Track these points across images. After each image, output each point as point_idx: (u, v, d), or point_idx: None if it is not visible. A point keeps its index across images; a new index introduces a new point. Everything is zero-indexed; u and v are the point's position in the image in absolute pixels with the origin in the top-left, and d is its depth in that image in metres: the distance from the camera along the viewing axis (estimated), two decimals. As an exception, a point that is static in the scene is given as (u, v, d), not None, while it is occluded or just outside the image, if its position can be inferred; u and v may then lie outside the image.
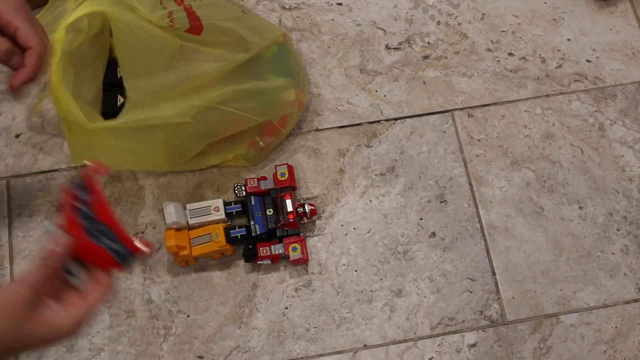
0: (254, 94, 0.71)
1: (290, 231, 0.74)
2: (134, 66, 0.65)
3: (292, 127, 0.79)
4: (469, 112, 0.82)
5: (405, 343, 0.72)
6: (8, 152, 0.80)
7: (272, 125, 0.75)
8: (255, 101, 0.71)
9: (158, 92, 0.65)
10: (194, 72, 0.67)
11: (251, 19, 0.76)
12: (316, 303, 0.74)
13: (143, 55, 0.66)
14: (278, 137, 0.78)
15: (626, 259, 0.76)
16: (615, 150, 0.81)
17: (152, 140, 0.68)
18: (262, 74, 0.73)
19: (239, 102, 0.69)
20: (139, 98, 0.65)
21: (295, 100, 0.75)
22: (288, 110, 0.76)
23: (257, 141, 0.76)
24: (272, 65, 0.74)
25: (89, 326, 0.73)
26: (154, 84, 0.66)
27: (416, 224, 0.77)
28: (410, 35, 0.87)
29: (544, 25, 0.87)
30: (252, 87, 0.71)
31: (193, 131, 0.69)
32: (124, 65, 0.65)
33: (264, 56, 0.73)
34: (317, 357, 0.72)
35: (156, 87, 0.66)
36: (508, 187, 0.79)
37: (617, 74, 0.85)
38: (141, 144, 0.68)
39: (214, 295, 0.74)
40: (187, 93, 0.67)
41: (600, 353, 0.72)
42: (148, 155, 0.71)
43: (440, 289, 0.74)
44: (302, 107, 0.78)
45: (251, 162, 0.79)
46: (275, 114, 0.75)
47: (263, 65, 0.73)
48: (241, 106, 0.70)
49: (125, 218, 0.77)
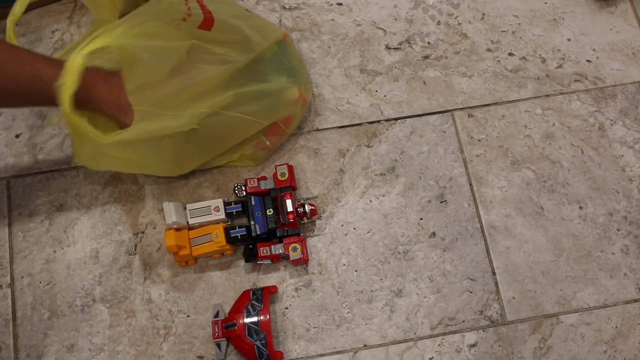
0: (257, 96, 0.71)
1: (290, 231, 0.74)
2: (139, 80, 0.66)
3: (297, 126, 0.79)
4: (469, 112, 0.82)
5: (406, 343, 0.72)
6: (8, 152, 0.80)
7: (276, 126, 0.76)
8: (259, 104, 0.71)
9: (163, 101, 0.66)
10: (199, 77, 0.67)
11: (254, 18, 0.77)
12: (316, 303, 0.74)
13: (148, 71, 0.66)
14: (282, 136, 0.78)
15: (626, 259, 0.76)
16: (616, 150, 0.81)
17: (160, 150, 0.68)
18: (265, 75, 0.73)
19: (243, 105, 0.70)
20: (146, 109, 0.65)
21: (299, 98, 0.75)
22: (292, 110, 0.76)
23: (263, 140, 0.76)
24: (274, 64, 0.74)
25: (90, 326, 0.73)
26: (159, 93, 0.66)
27: (416, 224, 0.77)
28: (410, 35, 0.87)
29: (544, 25, 0.87)
30: (255, 89, 0.71)
31: (200, 140, 0.69)
32: (129, 82, 0.65)
33: (266, 56, 0.74)
34: (317, 357, 0.72)
35: (161, 97, 0.66)
36: (508, 187, 0.79)
37: (617, 74, 0.85)
38: (149, 155, 0.68)
39: (214, 295, 0.74)
40: (192, 99, 0.67)
41: (600, 353, 0.72)
42: (155, 164, 0.72)
43: (440, 289, 0.74)
44: (305, 105, 0.78)
45: (256, 162, 0.79)
46: (279, 116, 0.75)
47: (265, 66, 0.73)
48: (246, 110, 0.70)
49: (126, 218, 0.77)
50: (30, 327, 0.73)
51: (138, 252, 0.76)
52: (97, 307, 0.73)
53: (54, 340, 0.72)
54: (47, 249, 0.76)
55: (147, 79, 0.66)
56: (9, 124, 0.81)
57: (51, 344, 0.72)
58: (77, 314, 0.73)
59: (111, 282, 0.74)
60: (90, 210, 0.77)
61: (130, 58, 0.64)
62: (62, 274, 0.75)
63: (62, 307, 0.73)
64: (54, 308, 0.73)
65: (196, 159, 0.74)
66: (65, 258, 0.75)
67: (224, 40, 0.70)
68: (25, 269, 0.75)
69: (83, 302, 0.74)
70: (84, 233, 0.76)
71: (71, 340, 0.72)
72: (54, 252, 0.76)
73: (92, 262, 0.75)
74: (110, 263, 0.75)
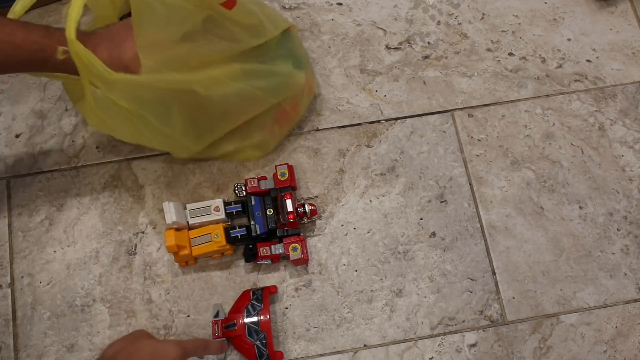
0: (265, 74, 0.71)
1: (290, 231, 0.74)
2: (148, 35, 0.63)
3: (304, 111, 0.80)
4: (469, 112, 0.82)
5: (406, 343, 0.72)
6: (8, 152, 0.80)
7: (284, 112, 0.76)
8: (267, 81, 0.71)
9: (171, 63, 0.64)
10: (208, 46, 0.66)
11: (267, 8, 0.77)
12: (316, 303, 0.74)
13: (159, 27, 0.63)
14: (290, 123, 0.78)
15: (626, 259, 0.76)
16: (616, 150, 0.81)
17: (170, 116, 0.67)
18: (272, 59, 0.73)
19: (251, 80, 0.69)
20: (154, 64, 0.63)
21: (306, 84, 0.76)
22: (299, 91, 0.76)
23: (270, 126, 0.76)
24: (280, 51, 0.74)
25: (90, 326, 0.73)
26: (167, 54, 0.64)
27: (416, 224, 0.77)
28: (410, 35, 0.87)
29: (544, 25, 0.87)
30: (262, 68, 0.71)
31: (209, 111, 0.68)
32: (139, 37, 0.63)
33: (271, 43, 0.73)
34: (317, 357, 0.72)
35: (170, 58, 0.64)
36: (508, 187, 0.79)
37: (617, 73, 0.85)
38: (159, 116, 0.67)
39: (214, 295, 0.74)
40: (200, 67, 0.66)
41: (600, 353, 0.72)
42: (164, 132, 0.69)
43: (440, 289, 0.74)
44: (311, 92, 0.79)
45: (263, 152, 0.79)
46: (287, 94, 0.74)
47: (272, 52, 0.73)
48: (254, 84, 0.69)
49: (126, 218, 0.77)
50: (30, 327, 0.73)
51: (138, 252, 0.76)
52: (97, 307, 0.73)
53: (54, 340, 0.72)
54: (47, 249, 0.76)
55: (157, 37, 0.64)
56: (9, 124, 0.81)
57: (51, 344, 0.72)
58: (77, 314, 0.73)
59: (111, 282, 0.74)
60: (90, 210, 0.77)
61: (143, 6, 0.61)
62: (62, 274, 0.75)
63: (62, 307, 0.73)
64: (54, 308, 0.73)
65: (206, 134, 0.72)
66: (65, 258, 0.75)
67: (240, 22, 0.69)
68: (25, 269, 0.75)
69: (83, 302, 0.74)
70: (84, 233, 0.76)
71: (71, 340, 0.72)
72: (54, 252, 0.76)
73: (92, 262, 0.75)
74: (110, 263, 0.75)
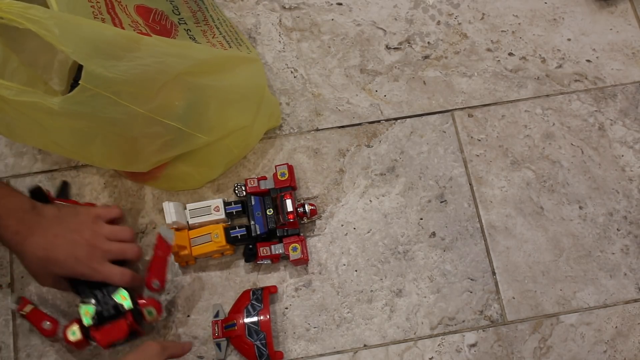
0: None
1: (290, 231, 0.74)
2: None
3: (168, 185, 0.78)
4: (469, 112, 0.82)
5: (405, 343, 0.72)
6: (8, 152, 0.80)
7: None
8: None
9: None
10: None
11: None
12: (316, 303, 0.74)
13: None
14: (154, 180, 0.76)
15: (626, 259, 0.76)
16: (616, 150, 0.81)
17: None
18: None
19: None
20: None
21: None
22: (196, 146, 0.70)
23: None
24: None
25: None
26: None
27: (416, 224, 0.77)
28: (410, 35, 0.87)
29: (544, 25, 0.87)
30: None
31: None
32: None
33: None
34: (317, 357, 0.72)
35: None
36: (508, 187, 0.79)
37: (617, 73, 0.85)
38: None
39: (213, 295, 0.74)
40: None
41: (600, 353, 0.72)
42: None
43: (440, 289, 0.74)
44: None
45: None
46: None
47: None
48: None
49: (125, 218, 0.77)
50: (31, 326, 0.73)
51: (138, 252, 0.76)
52: (97, 307, 0.73)
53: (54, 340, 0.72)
54: (47, 249, 0.76)
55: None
56: (9, 124, 0.81)
57: (52, 344, 0.72)
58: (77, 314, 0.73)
59: (111, 282, 0.74)
60: (90, 210, 0.77)
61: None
62: (62, 274, 0.75)
63: (63, 307, 0.73)
64: (54, 308, 0.73)
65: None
66: (65, 258, 0.75)
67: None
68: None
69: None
70: (84, 233, 0.76)
71: None
72: (54, 252, 0.76)
73: (92, 262, 0.75)
74: (110, 263, 0.75)
